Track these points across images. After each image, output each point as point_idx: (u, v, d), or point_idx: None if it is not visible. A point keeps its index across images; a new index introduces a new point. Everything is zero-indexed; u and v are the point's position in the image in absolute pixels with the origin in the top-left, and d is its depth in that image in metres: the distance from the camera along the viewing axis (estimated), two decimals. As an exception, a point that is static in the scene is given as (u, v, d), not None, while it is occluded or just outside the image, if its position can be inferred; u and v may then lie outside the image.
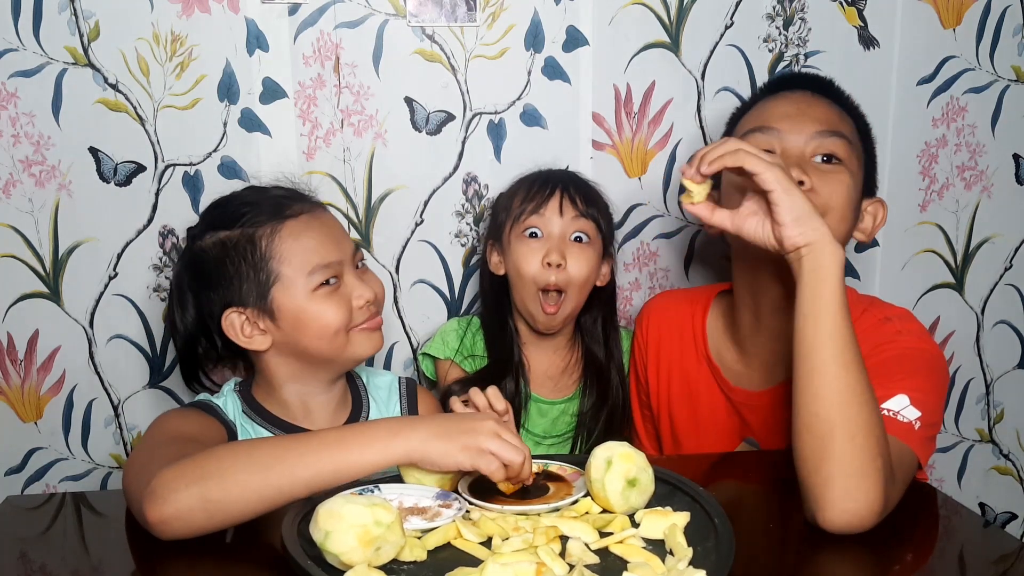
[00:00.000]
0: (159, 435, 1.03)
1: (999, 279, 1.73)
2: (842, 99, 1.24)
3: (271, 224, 1.13)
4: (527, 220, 1.34)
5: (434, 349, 1.45)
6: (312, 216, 1.15)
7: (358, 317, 1.14)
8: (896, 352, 1.11)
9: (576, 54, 1.50)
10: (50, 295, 1.44)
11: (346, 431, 0.93)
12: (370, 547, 0.78)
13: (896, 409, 1.03)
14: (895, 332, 1.15)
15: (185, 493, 0.86)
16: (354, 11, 1.42)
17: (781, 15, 1.54)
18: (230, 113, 1.42)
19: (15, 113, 1.37)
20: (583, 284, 1.36)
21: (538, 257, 1.33)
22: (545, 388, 1.44)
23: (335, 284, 1.13)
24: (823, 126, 1.15)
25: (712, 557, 0.81)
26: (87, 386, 1.48)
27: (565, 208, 1.34)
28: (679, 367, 1.35)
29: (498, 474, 0.89)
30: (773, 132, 1.16)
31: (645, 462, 0.92)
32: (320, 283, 1.11)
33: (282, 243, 1.11)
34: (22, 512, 1.02)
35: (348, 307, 1.13)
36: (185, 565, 0.86)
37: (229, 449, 0.93)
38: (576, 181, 1.40)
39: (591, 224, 1.36)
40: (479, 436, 0.90)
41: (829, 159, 1.14)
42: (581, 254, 1.34)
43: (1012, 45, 1.63)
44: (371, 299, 1.15)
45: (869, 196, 1.23)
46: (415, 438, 0.90)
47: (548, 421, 1.44)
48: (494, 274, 1.42)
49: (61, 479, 1.52)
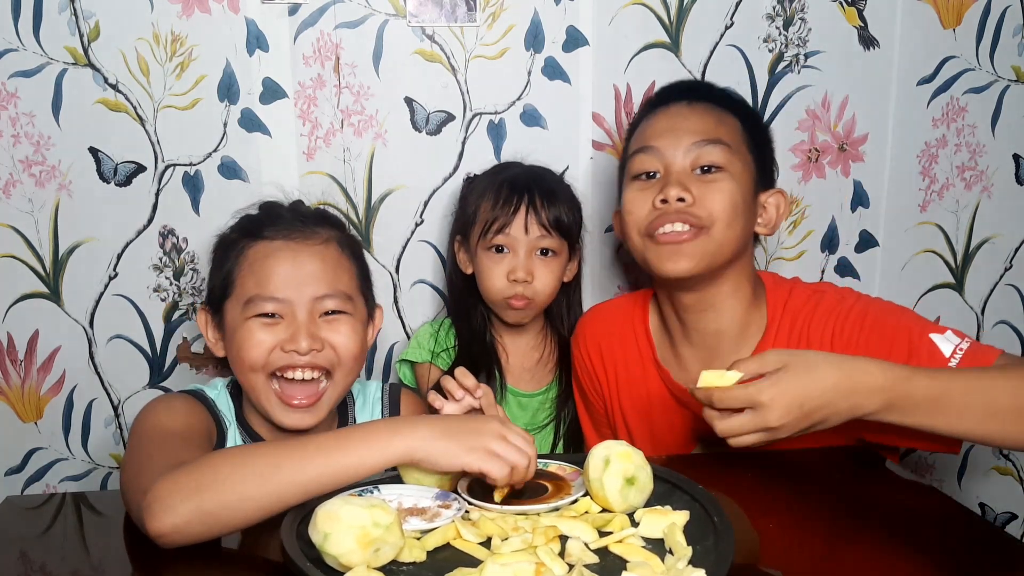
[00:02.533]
0: (150, 431, 1.02)
1: (999, 279, 1.73)
2: (723, 100, 1.24)
3: (246, 240, 1.12)
4: (495, 238, 1.35)
5: (411, 354, 1.45)
6: (288, 245, 1.10)
7: (276, 360, 1.07)
8: (870, 317, 1.13)
9: (576, 54, 1.50)
10: (50, 295, 1.44)
11: (344, 433, 0.92)
12: (369, 548, 0.78)
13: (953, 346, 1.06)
14: (838, 300, 1.17)
15: (182, 507, 0.85)
16: (354, 11, 1.42)
17: (781, 15, 1.54)
18: (230, 113, 1.42)
19: (15, 113, 1.37)
20: (550, 293, 1.38)
21: (504, 272, 1.35)
22: (523, 381, 1.45)
23: (275, 320, 1.08)
24: (698, 137, 1.17)
25: (712, 556, 0.81)
26: (87, 386, 1.48)
27: (531, 226, 1.34)
28: (626, 375, 1.34)
29: (504, 480, 0.89)
30: (653, 151, 1.19)
31: (643, 460, 0.92)
32: (256, 313, 1.08)
33: (244, 261, 1.11)
34: (22, 512, 1.02)
35: (271, 347, 1.07)
36: (185, 566, 0.86)
37: (225, 458, 0.91)
38: (542, 187, 1.37)
39: (557, 240, 1.36)
40: (485, 437, 0.89)
41: (708, 169, 1.17)
42: (547, 268, 1.36)
43: (1012, 45, 1.63)
44: (300, 349, 1.06)
45: (767, 188, 1.24)
46: (417, 437, 0.89)
47: (529, 413, 1.45)
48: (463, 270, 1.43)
49: (61, 479, 1.52)
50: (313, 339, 1.07)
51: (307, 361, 1.08)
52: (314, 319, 1.09)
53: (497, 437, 0.90)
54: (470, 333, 1.44)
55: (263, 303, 1.08)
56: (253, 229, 1.14)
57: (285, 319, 1.08)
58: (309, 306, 1.08)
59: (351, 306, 1.12)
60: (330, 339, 1.09)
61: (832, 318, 1.16)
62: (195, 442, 1.03)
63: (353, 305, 1.13)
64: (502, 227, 1.34)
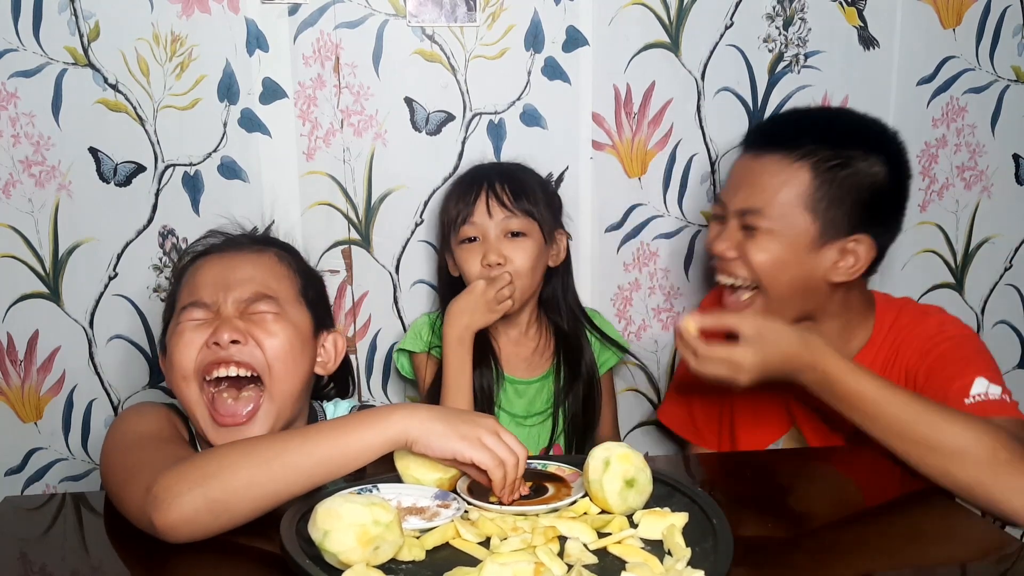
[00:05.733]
0: (133, 437, 1.00)
1: (999, 279, 1.73)
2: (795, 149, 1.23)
3: (187, 265, 1.12)
4: (462, 230, 1.38)
5: (409, 344, 1.47)
6: (222, 256, 1.10)
7: (204, 358, 1.02)
8: (949, 344, 1.19)
9: (576, 54, 1.50)
10: (50, 295, 1.44)
11: (345, 419, 0.93)
12: (368, 546, 0.78)
13: (982, 391, 1.11)
14: (938, 324, 1.24)
15: (189, 496, 0.85)
16: (354, 11, 1.42)
17: (781, 15, 1.54)
18: (230, 113, 1.42)
19: (15, 113, 1.37)
20: (530, 272, 1.39)
21: (478, 259, 1.37)
22: (520, 369, 1.46)
23: (203, 322, 1.04)
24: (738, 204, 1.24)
25: (710, 557, 0.81)
26: (87, 386, 1.48)
27: (493, 209, 1.36)
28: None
29: (496, 472, 0.89)
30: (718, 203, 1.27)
31: (643, 462, 0.92)
32: (186, 319, 1.04)
33: (181, 282, 1.10)
34: (22, 512, 1.02)
35: (199, 347, 1.02)
36: (184, 565, 0.86)
37: (229, 448, 0.92)
38: (503, 173, 1.40)
39: (524, 219, 1.38)
40: (479, 429, 0.90)
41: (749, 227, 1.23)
42: (519, 248, 1.38)
43: (1012, 45, 1.63)
44: (221, 341, 1.00)
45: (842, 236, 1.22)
46: (415, 419, 0.91)
47: (526, 401, 1.46)
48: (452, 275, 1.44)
49: (61, 479, 1.52)
50: (234, 331, 1.01)
51: (232, 356, 1.01)
52: (241, 314, 1.04)
53: (491, 432, 0.91)
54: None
55: (192, 309, 1.05)
56: (195, 254, 1.13)
57: (214, 320, 1.04)
58: (235, 306, 1.04)
59: (281, 310, 1.06)
60: (255, 335, 1.03)
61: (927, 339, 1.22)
62: (177, 441, 1.03)
63: (285, 311, 1.07)
64: (467, 217, 1.37)
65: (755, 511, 0.97)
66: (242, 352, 1.02)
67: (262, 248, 1.13)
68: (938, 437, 1.02)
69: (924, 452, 1.02)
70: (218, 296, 1.05)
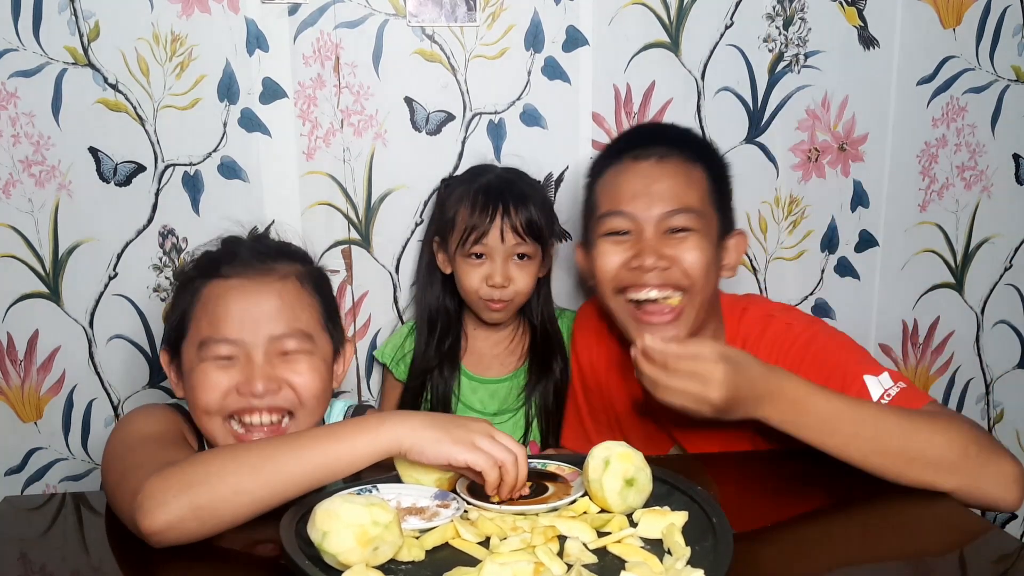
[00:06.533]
0: (132, 437, 1.00)
1: (999, 279, 1.73)
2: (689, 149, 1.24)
3: (202, 279, 1.07)
4: (471, 245, 1.37)
5: (379, 353, 1.52)
6: (243, 284, 1.05)
7: (232, 403, 1.02)
8: (809, 351, 1.17)
9: (576, 54, 1.50)
10: (50, 295, 1.44)
11: (335, 426, 0.93)
12: (368, 547, 0.78)
13: (881, 390, 1.09)
14: (785, 327, 1.21)
15: (175, 503, 0.85)
16: (354, 11, 1.42)
17: (781, 15, 1.54)
18: (230, 113, 1.42)
19: (15, 113, 1.37)
20: (527, 293, 1.41)
21: (482, 276, 1.38)
22: (492, 368, 1.48)
23: (230, 362, 1.03)
24: (669, 206, 1.18)
25: (710, 556, 0.81)
26: (87, 386, 1.48)
27: (507, 235, 1.36)
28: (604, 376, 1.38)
29: (491, 473, 0.89)
30: (624, 216, 1.20)
31: (643, 462, 0.92)
32: (210, 356, 1.03)
33: (198, 301, 1.06)
34: (22, 512, 1.02)
35: (227, 391, 1.02)
36: (184, 565, 0.86)
37: (216, 453, 0.91)
38: (515, 192, 1.38)
39: (532, 245, 1.39)
40: (473, 433, 0.90)
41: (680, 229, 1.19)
42: (523, 271, 1.39)
43: (1012, 45, 1.63)
44: (256, 392, 1.01)
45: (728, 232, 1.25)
46: (406, 427, 0.90)
47: (498, 400, 1.47)
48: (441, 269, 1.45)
49: (61, 479, 1.52)
50: (269, 380, 1.02)
51: (265, 404, 1.02)
52: (271, 360, 1.03)
53: (485, 435, 0.90)
54: (442, 328, 1.46)
55: (216, 345, 1.02)
56: (210, 267, 1.09)
57: (240, 360, 1.03)
58: (265, 346, 1.03)
59: (312, 344, 1.06)
60: (289, 379, 1.04)
61: (776, 346, 1.20)
62: (179, 445, 1.03)
63: (314, 343, 1.07)
64: (480, 236, 1.36)
65: (755, 509, 0.97)
66: (276, 398, 1.03)
67: (284, 270, 1.09)
68: (916, 446, 1.00)
69: (903, 465, 1.00)
70: (244, 333, 1.02)
